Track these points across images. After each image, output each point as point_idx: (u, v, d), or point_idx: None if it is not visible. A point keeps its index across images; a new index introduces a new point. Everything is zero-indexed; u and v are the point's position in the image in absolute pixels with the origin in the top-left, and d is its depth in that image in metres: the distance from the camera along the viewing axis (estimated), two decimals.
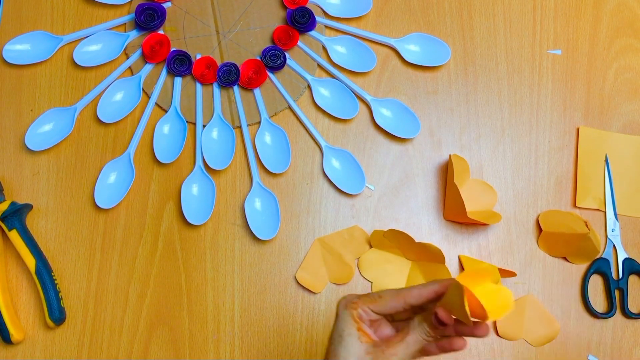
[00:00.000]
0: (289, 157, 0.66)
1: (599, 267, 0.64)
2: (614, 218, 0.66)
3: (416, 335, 0.44)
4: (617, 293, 0.64)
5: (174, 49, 0.70)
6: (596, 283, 0.65)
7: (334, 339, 0.46)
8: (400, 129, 0.68)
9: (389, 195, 0.67)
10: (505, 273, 0.62)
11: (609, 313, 0.63)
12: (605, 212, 0.66)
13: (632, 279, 0.64)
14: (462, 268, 0.64)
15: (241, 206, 0.66)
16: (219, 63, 0.70)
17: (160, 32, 0.71)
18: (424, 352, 0.46)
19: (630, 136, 0.68)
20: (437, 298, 0.45)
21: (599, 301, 0.64)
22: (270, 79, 0.70)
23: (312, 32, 0.71)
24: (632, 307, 0.63)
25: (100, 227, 0.65)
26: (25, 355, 0.62)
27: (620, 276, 0.64)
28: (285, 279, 0.64)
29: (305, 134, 0.68)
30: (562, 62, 0.71)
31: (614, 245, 0.65)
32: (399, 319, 0.49)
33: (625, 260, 0.64)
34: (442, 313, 0.43)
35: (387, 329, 0.48)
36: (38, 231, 0.65)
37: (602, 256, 0.64)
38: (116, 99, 0.69)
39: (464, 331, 0.44)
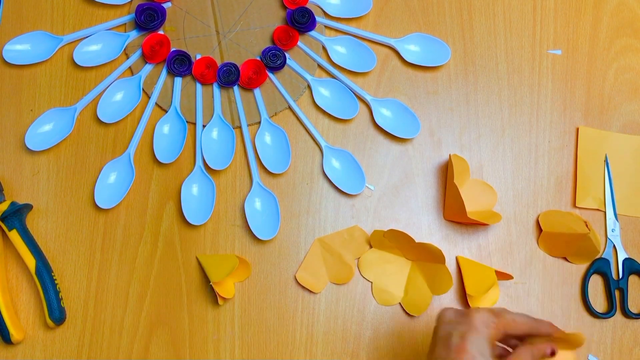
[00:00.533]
0: (289, 157, 0.66)
1: (599, 267, 0.64)
2: (614, 218, 0.66)
3: (526, 356, 0.47)
4: (617, 293, 0.64)
5: (174, 49, 0.70)
6: (596, 283, 0.64)
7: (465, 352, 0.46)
8: (400, 129, 0.68)
9: (389, 195, 0.67)
10: (502, 275, 0.62)
11: (609, 313, 0.63)
12: (605, 212, 0.66)
13: (632, 279, 0.64)
14: (459, 269, 0.64)
15: (241, 206, 0.66)
16: (219, 63, 0.70)
17: (160, 32, 0.71)
18: None
19: (630, 136, 0.68)
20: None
21: (599, 301, 0.64)
22: (270, 79, 0.70)
23: (312, 32, 0.71)
24: (632, 307, 0.63)
25: (100, 227, 0.65)
26: (25, 355, 0.62)
27: (620, 276, 0.64)
28: (285, 279, 0.64)
29: (305, 134, 0.68)
30: (562, 62, 0.71)
31: (614, 245, 0.65)
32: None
33: (625, 260, 0.64)
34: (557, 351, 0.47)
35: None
36: (38, 231, 0.65)
37: (602, 256, 0.64)
38: (116, 99, 0.69)
39: None
